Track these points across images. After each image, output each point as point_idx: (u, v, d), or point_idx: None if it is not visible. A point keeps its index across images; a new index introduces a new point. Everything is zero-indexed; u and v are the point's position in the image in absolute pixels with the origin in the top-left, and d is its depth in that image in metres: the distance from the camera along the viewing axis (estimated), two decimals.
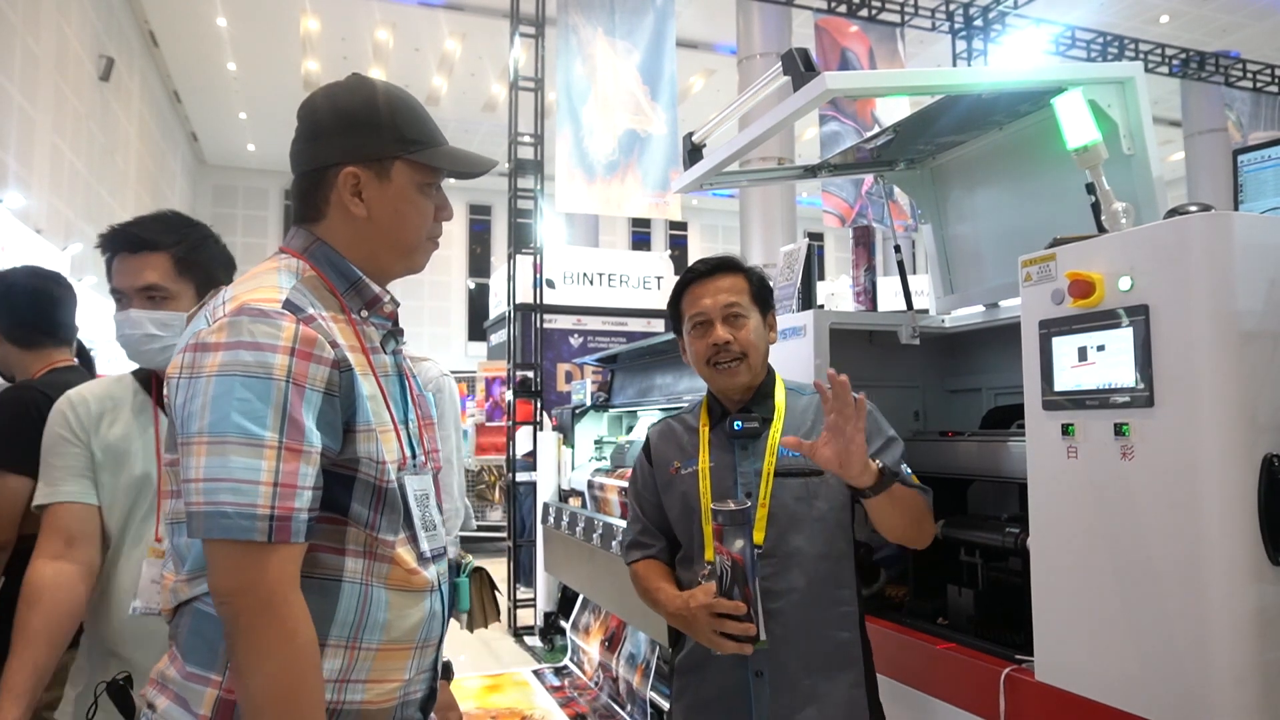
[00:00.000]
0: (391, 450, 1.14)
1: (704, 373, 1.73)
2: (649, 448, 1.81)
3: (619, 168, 6.47)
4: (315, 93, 1.23)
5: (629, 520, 1.83)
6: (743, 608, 1.49)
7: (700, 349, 1.71)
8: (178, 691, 1.07)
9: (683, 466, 1.73)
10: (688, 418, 1.81)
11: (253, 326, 1.03)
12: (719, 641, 1.51)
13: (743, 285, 1.74)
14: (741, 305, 1.71)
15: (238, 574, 0.99)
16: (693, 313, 1.72)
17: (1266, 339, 1.46)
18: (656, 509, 1.77)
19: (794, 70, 1.81)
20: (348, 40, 14.52)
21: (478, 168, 1.25)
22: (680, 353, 1.84)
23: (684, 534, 1.72)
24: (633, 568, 1.78)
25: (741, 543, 1.48)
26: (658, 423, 1.87)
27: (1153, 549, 1.50)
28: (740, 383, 1.71)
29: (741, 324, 1.70)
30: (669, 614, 1.62)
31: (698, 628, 1.54)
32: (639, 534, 1.79)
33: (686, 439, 1.77)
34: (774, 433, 1.69)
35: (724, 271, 1.74)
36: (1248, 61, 10.44)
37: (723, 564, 1.50)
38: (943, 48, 9.43)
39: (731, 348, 1.68)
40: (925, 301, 2.85)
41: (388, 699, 1.12)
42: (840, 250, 22.87)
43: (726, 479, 1.68)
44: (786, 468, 1.66)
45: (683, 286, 1.77)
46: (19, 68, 8.47)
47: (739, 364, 1.69)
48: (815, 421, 1.71)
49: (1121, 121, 1.95)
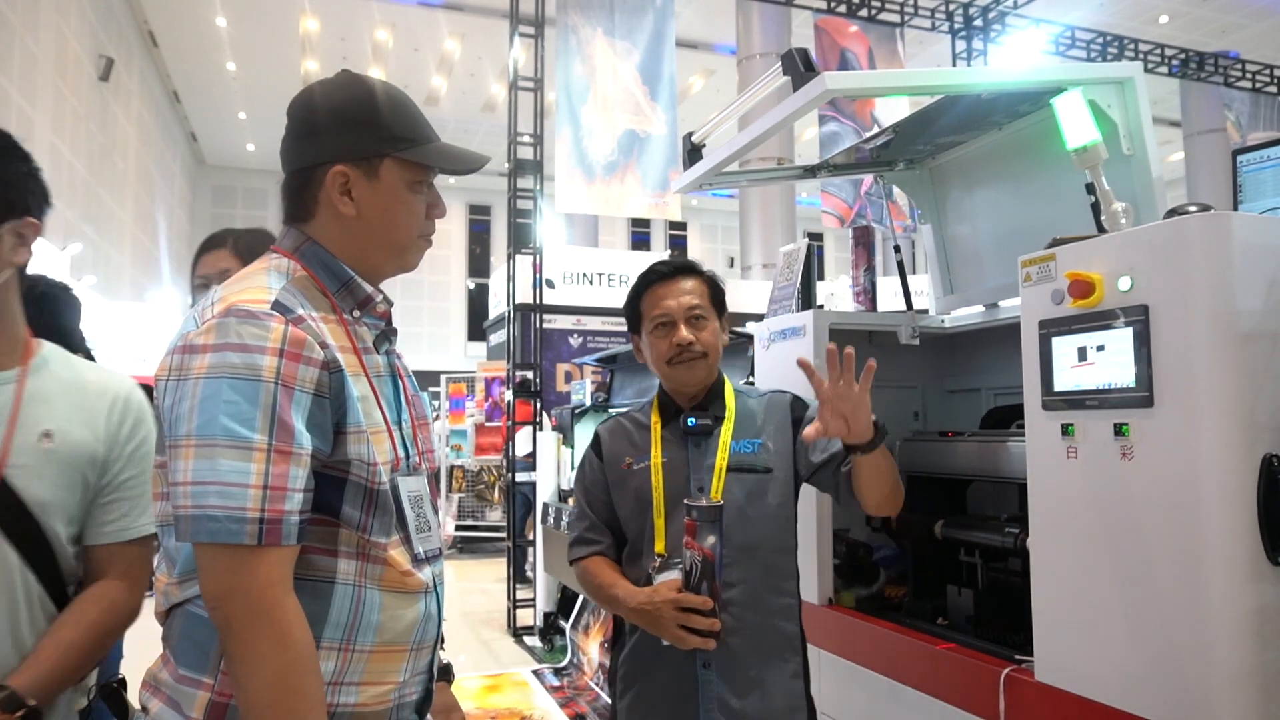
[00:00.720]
0: (384, 452, 1.12)
1: (664, 371, 1.76)
2: (599, 444, 1.83)
3: (618, 168, 6.47)
4: (305, 90, 1.21)
5: (575, 517, 1.84)
6: (710, 602, 1.53)
7: (663, 348, 1.74)
8: (170, 694, 1.06)
9: (635, 462, 1.76)
10: (638, 415, 1.84)
11: (240, 328, 1.02)
12: (683, 636, 1.54)
13: (703, 289, 1.78)
14: (703, 308, 1.75)
15: (227, 578, 0.98)
16: (656, 313, 1.75)
17: (1266, 339, 1.46)
18: (605, 505, 1.79)
19: (794, 70, 1.81)
20: (347, 40, 14.52)
21: (469, 164, 1.24)
22: (635, 351, 1.87)
23: (635, 529, 1.74)
24: (581, 564, 1.79)
25: (714, 539, 1.52)
26: (607, 420, 1.89)
27: (1152, 549, 1.50)
28: (699, 378, 1.75)
29: (704, 325, 1.74)
30: (629, 609, 1.63)
31: (662, 623, 1.56)
32: (586, 530, 1.79)
33: (638, 435, 1.80)
34: (725, 431, 1.74)
35: (685, 274, 1.78)
36: (1247, 62, 10.44)
37: (693, 559, 1.53)
38: (942, 48, 9.43)
39: (694, 348, 1.72)
40: (925, 302, 2.85)
41: (382, 701, 1.11)
42: (840, 250, 22.87)
43: (680, 474, 1.72)
44: (738, 464, 1.71)
45: (644, 287, 1.80)
46: (18, 68, 8.46)
47: (698, 362, 1.74)
48: (766, 421, 1.77)
49: (1121, 122, 1.95)
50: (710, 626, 1.53)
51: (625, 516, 1.76)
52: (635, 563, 1.73)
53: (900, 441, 2.59)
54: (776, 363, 2.63)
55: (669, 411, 1.80)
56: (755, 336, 2.78)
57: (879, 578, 2.52)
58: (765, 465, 1.72)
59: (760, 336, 2.72)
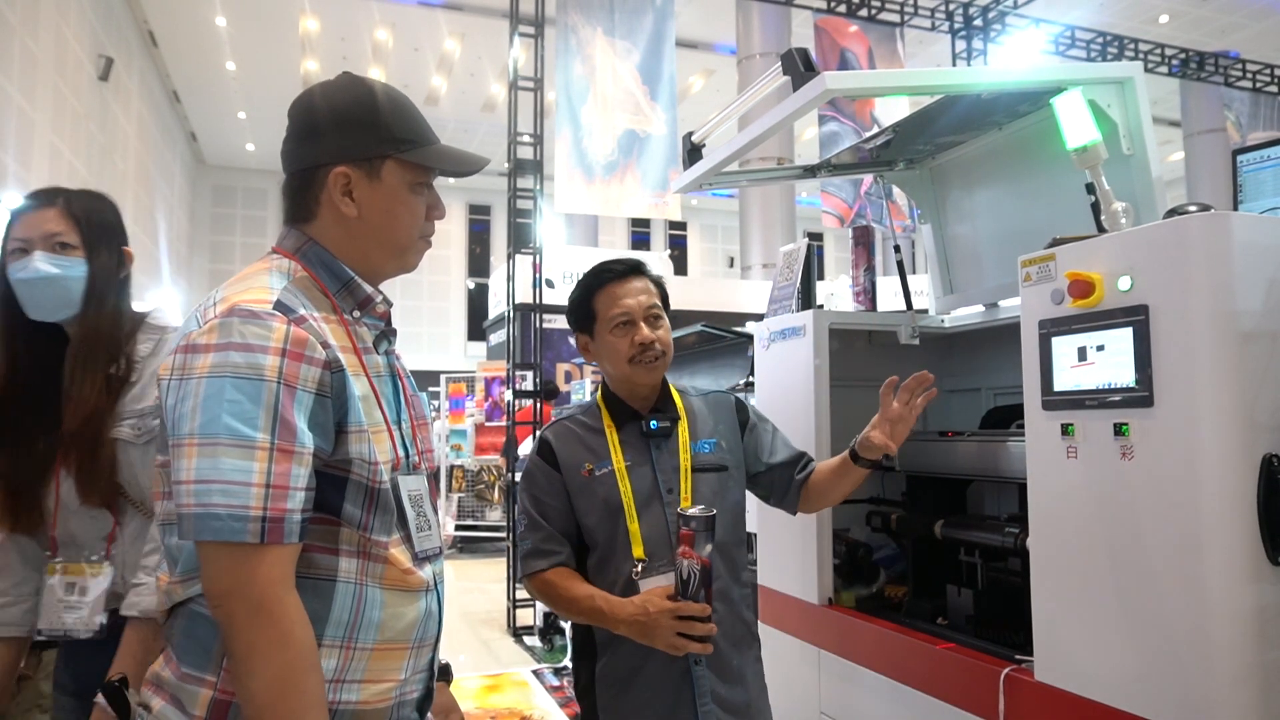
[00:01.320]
0: (384, 451, 1.13)
1: (623, 370, 1.74)
2: (549, 451, 1.77)
3: (618, 168, 6.46)
4: (306, 91, 1.22)
5: (526, 528, 1.76)
6: (708, 610, 1.55)
7: (623, 347, 1.73)
8: (173, 693, 1.07)
9: (596, 468, 1.73)
10: (584, 419, 1.80)
11: (243, 328, 1.03)
12: (680, 644, 1.55)
13: (655, 289, 1.79)
14: (659, 308, 1.77)
15: (230, 576, 0.99)
16: (615, 312, 1.74)
17: (1265, 339, 1.46)
18: (561, 514, 1.73)
19: (794, 70, 1.81)
20: (347, 40, 14.52)
21: (469, 166, 1.25)
22: (582, 351, 1.84)
23: (604, 535, 1.70)
24: (541, 577, 1.71)
25: (710, 547, 1.54)
26: (551, 425, 1.85)
27: (1152, 549, 1.50)
28: (657, 378, 1.78)
29: (661, 325, 1.76)
30: (619, 620, 1.59)
31: (658, 632, 1.55)
32: (541, 542, 1.72)
33: (592, 441, 1.77)
34: (683, 432, 1.77)
35: (639, 274, 1.78)
36: (1247, 62, 10.44)
37: (690, 568, 1.54)
38: (942, 48, 9.43)
39: (655, 347, 1.73)
40: (925, 301, 2.85)
41: (383, 699, 1.11)
42: (840, 250, 22.87)
43: (646, 477, 1.72)
44: (701, 464, 1.75)
45: (597, 286, 1.77)
46: (18, 67, 8.46)
47: (658, 362, 1.75)
48: (717, 421, 1.82)
49: (1121, 121, 1.95)
50: (707, 632, 1.56)
51: (592, 524, 1.72)
52: (605, 570, 1.69)
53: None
54: (776, 362, 2.63)
55: (622, 414, 1.78)
56: (755, 336, 2.78)
57: (879, 578, 2.52)
58: (723, 464, 1.78)
59: (760, 336, 2.72)
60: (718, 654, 1.67)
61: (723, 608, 1.69)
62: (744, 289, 10.69)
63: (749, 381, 3.37)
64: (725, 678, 1.69)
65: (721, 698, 1.67)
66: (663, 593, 1.57)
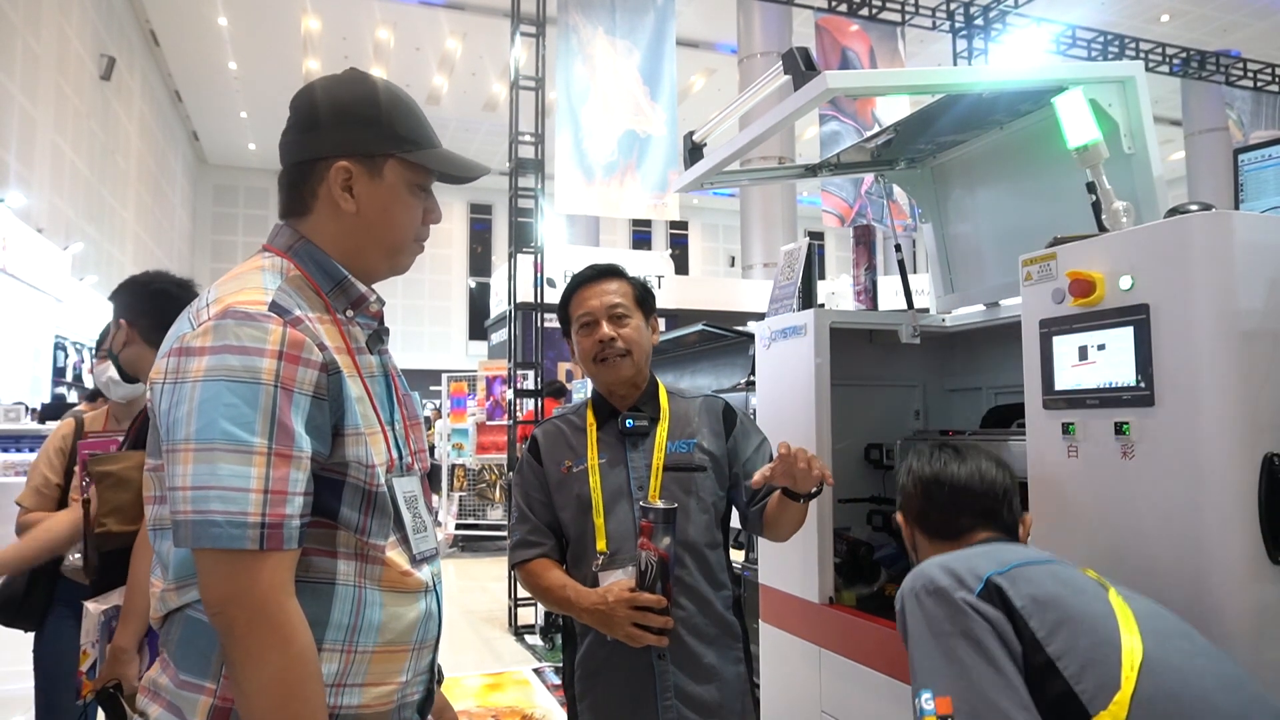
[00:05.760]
0: (380, 453, 1.12)
1: (590, 369, 1.82)
2: (536, 448, 1.87)
3: (618, 169, 6.46)
4: (311, 84, 1.20)
5: (516, 520, 1.86)
6: (664, 601, 1.60)
7: (587, 346, 1.80)
8: (171, 700, 1.05)
9: (574, 465, 1.80)
10: (573, 418, 1.88)
11: (239, 330, 1.01)
12: (636, 634, 1.60)
13: (627, 289, 1.84)
14: (625, 306, 1.81)
15: (230, 583, 0.97)
16: (580, 313, 1.82)
17: (1267, 338, 1.46)
18: (546, 508, 1.82)
19: (794, 69, 1.81)
20: (348, 39, 14.53)
21: (470, 173, 1.24)
22: (571, 354, 1.91)
23: (577, 530, 1.78)
24: (525, 567, 1.80)
25: (669, 540, 1.59)
26: (543, 423, 1.94)
27: (1153, 548, 1.50)
28: (624, 376, 1.80)
29: (625, 322, 1.80)
30: (581, 610, 1.67)
31: (615, 622, 1.61)
32: (528, 533, 1.82)
33: (575, 438, 1.84)
34: (661, 431, 1.81)
35: (609, 277, 1.84)
36: (1248, 61, 10.43)
37: (648, 559, 1.59)
38: (943, 47, 9.43)
39: (616, 344, 1.78)
40: (926, 300, 2.84)
41: (385, 702, 1.11)
42: (841, 249, 22.88)
43: (619, 474, 1.77)
44: (674, 463, 1.78)
45: (570, 291, 1.87)
46: (20, 67, 8.47)
47: (623, 359, 1.78)
48: (700, 424, 1.84)
49: (1122, 121, 1.95)
50: (663, 624, 1.60)
51: (567, 519, 1.79)
52: (580, 563, 1.77)
53: (900, 441, 2.59)
54: (777, 363, 2.63)
55: (604, 413, 1.84)
56: (756, 336, 2.78)
57: (879, 576, 2.52)
58: (699, 464, 1.79)
59: (761, 336, 2.72)
60: (685, 650, 1.69)
61: (692, 605, 1.72)
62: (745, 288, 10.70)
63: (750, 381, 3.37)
64: (695, 675, 1.71)
65: (687, 694, 1.69)
66: (625, 585, 1.63)
